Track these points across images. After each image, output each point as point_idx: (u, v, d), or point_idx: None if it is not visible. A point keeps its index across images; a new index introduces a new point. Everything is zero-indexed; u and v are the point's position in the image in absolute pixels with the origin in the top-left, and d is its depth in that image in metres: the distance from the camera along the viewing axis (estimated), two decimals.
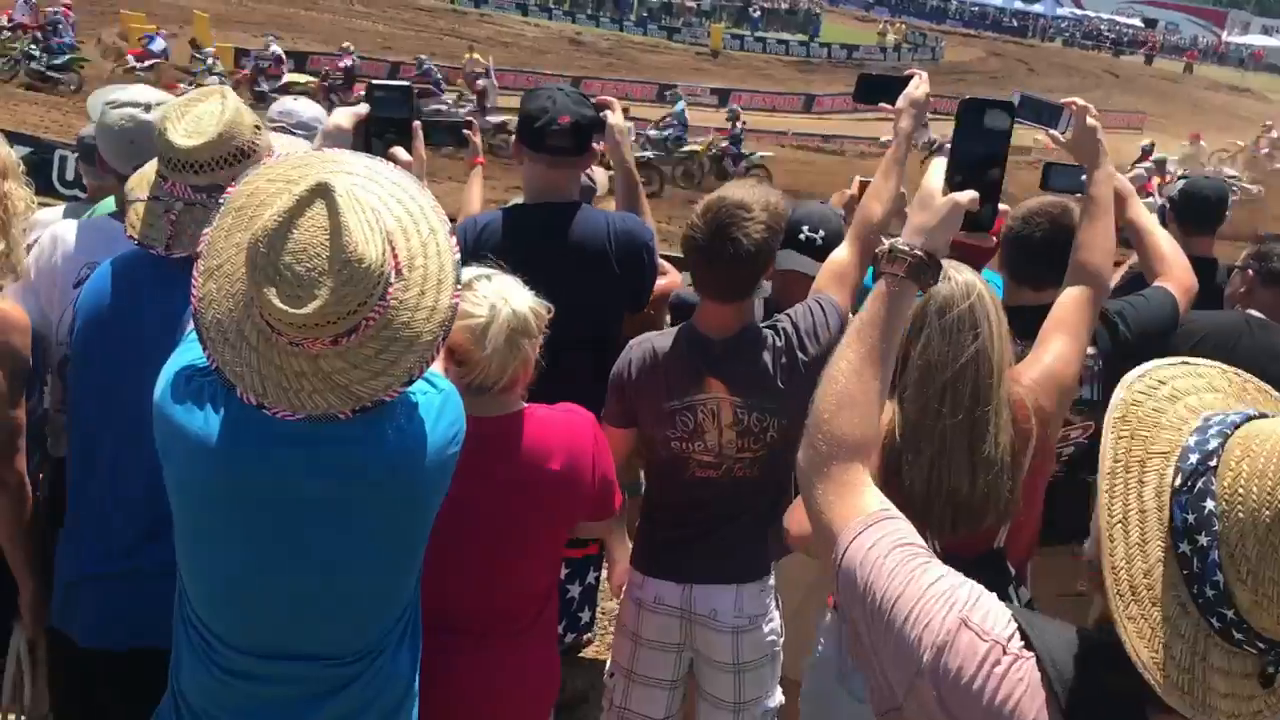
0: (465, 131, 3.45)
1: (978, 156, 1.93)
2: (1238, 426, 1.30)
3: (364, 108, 2.50)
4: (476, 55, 29.63)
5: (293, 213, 1.74)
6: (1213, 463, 1.28)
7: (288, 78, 24.66)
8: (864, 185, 4.04)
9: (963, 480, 2.32)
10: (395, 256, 1.84)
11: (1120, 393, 1.41)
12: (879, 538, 1.56)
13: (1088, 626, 1.45)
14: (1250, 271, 3.76)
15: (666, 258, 4.94)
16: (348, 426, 1.86)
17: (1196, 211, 4.29)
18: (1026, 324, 2.60)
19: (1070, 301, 2.57)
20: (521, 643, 2.59)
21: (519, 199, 3.62)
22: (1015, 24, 60.49)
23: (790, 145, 26.52)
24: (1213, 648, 1.28)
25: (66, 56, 22.65)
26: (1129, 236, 3.26)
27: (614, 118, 3.47)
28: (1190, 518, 1.28)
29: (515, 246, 2.88)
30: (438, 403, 2.02)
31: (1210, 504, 1.26)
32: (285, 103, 4.25)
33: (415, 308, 1.85)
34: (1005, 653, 1.40)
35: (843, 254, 2.95)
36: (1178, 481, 1.31)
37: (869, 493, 1.66)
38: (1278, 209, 22.10)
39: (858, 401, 1.72)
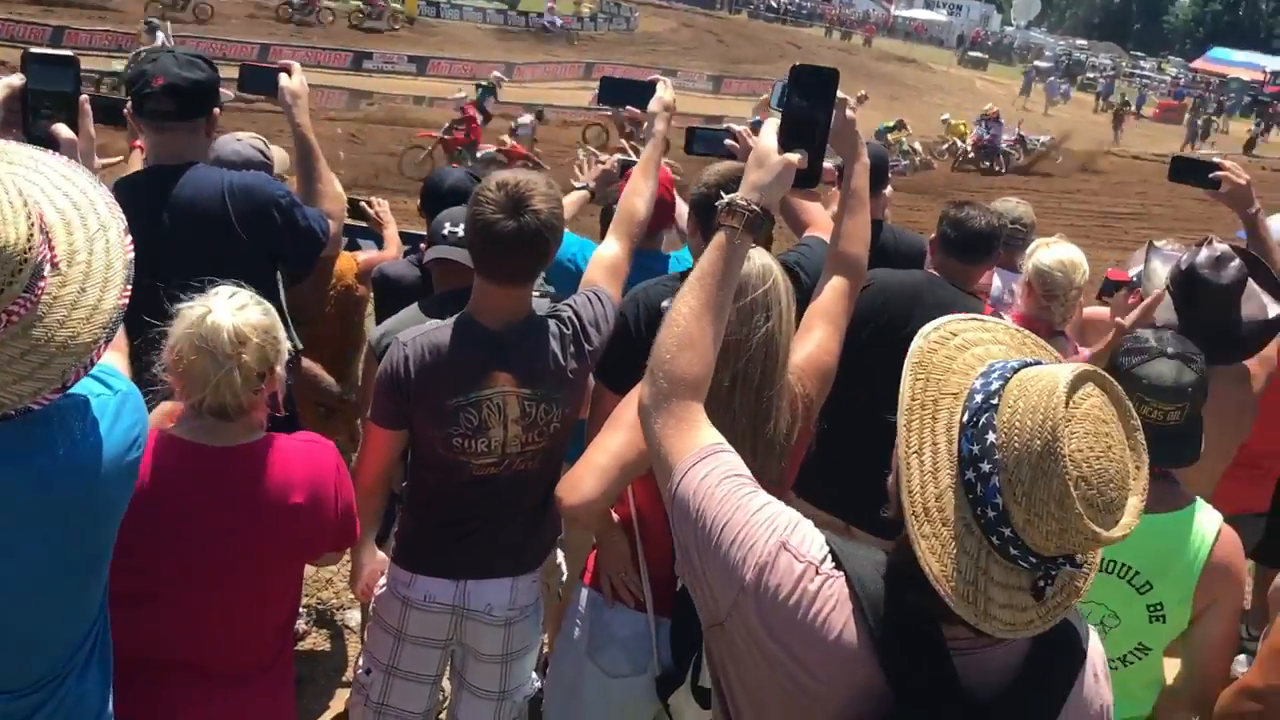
0: (125, 112, 3.19)
1: (805, 118, 2.07)
2: (1016, 371, 1.50)
3: (18, 78, 2.23)
4: (157, 21, 27.71)
5: None
6: (994, 401, 1.47)
7: None
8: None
9: (745, 459, 2.35)
10: (52, 249, 1.67)
11: (918, 341, 1.60)
12: (712, 469, 1.72)
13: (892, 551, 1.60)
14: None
15: (405, 234, 4.79)
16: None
17: None
18: None
19: (832, 292, 2.66)
20: (259, 682, 2.46)
21: None
22: None
23: (496, 115, 26.30)
24: (993, 563, 1.46)
25: None
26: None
27: (288, 80, 3.32)
28: (975, 448, 1.46)
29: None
30: (113, 405, 1.84)
31: (991, 436, 1.45)
32: None
33: (74, 305, 1.67)
34: (818, 573, 1.58)
35: (614, 249, 3.04)
36: (965, 417, 1.50)
37: (704, 428, 1.80)
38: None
39: (696, 343, 1.85)
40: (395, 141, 21.54)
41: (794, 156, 1.99)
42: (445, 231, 3.33)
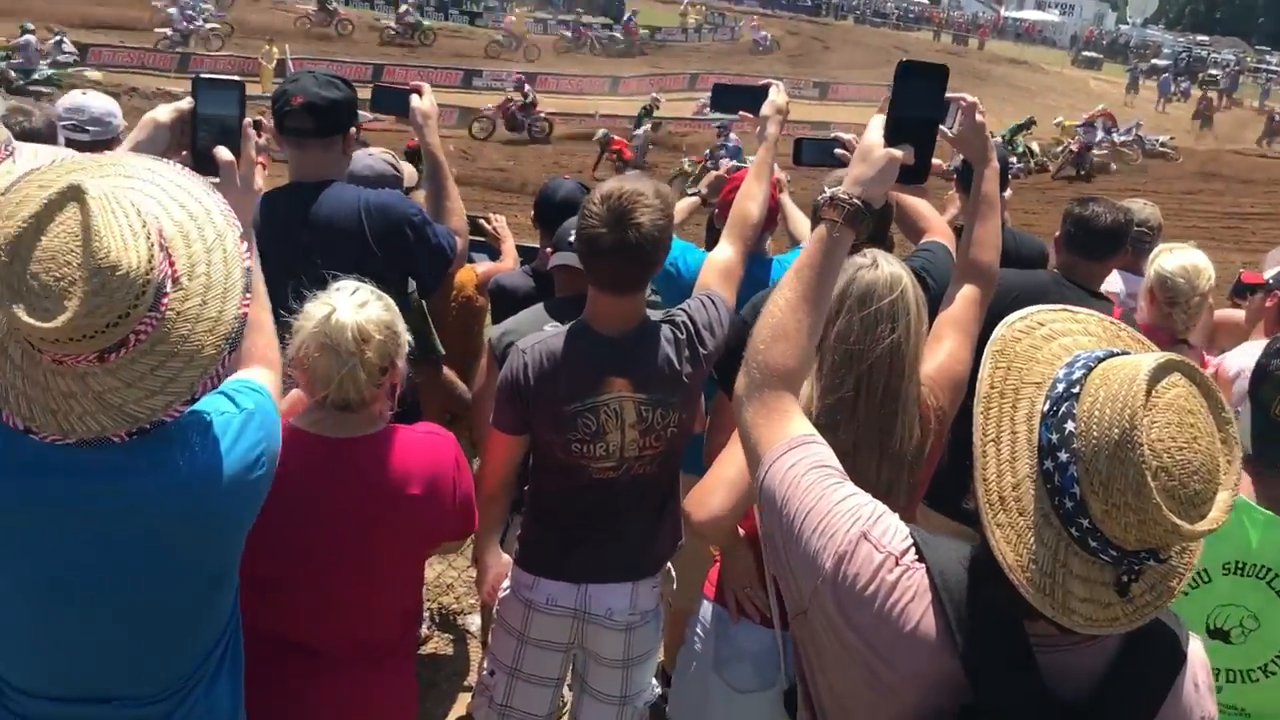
0: (249, 130, 3.34)
1: (913, 114, 2.03)
2: (1101, 361, 1.45)
3: (187, 103, 2.33)
4: (274, 47, 28.66)
5: (40, 218, 1.57)
6: (1076, 390, 1.42)
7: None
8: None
9: (870, 469, 2.33)
10: (172, 264, 1.70)
11: (1000, 330, 1.57)
12: (800, 459, 1.71)
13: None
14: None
15: (520, 248, 4.88)
16: (124, 453, 1.72)
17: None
18: None
19: (963, 300, 2.62)
20: (383, 667, 2.53)
21: None
22: (809, 2, 62.02)
23: (599, 127, 26.57)
24: (1072, 555, 1.42)
25: None
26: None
27: (419, 101, 3.42)
28: (1054, 437, 1.42)
29: (265, 231, 2.64)
30: (236, 424, 1.89)
31: (1070, 425, 1.40)
32: (74, 97, 3.95)
33: (196, 319, 1.71)
34: (898, 564, 1.56)
35: (727, 253, 3.04)
36: (1047, 407, 1.46)
37: (796, 419, 1.79)
38: None
39: (790, 335, 1.83)
40: (504, 158, 21.91)
41: (898, 152, 1.97)
42: (570, 238, 3.39)
